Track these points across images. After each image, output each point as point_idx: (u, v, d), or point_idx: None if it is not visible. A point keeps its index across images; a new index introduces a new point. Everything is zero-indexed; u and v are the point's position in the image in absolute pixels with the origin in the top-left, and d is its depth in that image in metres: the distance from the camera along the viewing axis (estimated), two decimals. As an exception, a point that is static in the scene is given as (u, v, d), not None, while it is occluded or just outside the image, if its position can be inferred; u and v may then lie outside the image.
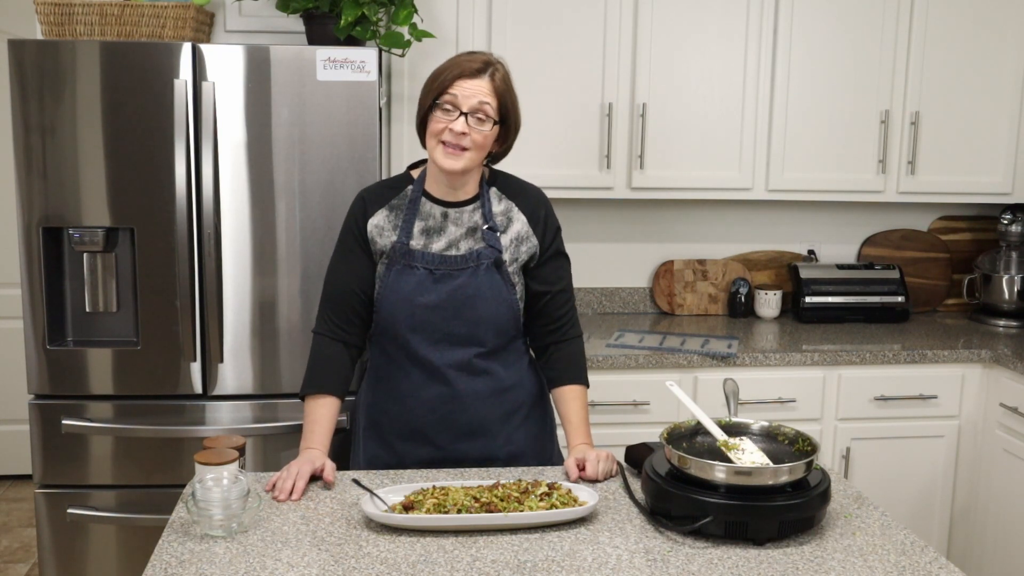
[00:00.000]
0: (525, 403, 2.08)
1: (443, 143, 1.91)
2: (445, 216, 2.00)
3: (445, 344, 1.97)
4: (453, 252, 1.98)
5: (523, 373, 2.08)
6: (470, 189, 2.02)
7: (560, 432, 2.17)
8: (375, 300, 2.01)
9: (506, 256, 2.00)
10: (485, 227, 1.99)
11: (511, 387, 2.05)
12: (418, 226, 1.99)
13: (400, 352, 1.99)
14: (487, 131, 1.92)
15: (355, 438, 2.14)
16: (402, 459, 2.03)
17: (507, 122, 1.97)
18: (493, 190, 2.05)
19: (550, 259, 2.07)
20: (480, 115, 1.90)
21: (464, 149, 1.91)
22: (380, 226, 2.00)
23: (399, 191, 2.04)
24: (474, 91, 1.90)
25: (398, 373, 2.01)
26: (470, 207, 2.02)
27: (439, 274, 1.96)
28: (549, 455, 2.14)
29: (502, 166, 2.12)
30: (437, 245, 1.98)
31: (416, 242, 1.98)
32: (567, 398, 2.05)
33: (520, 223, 2.03)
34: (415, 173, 2.07)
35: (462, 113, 1.89)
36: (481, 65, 1.92)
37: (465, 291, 1.96)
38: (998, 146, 3.32)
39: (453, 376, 1.98)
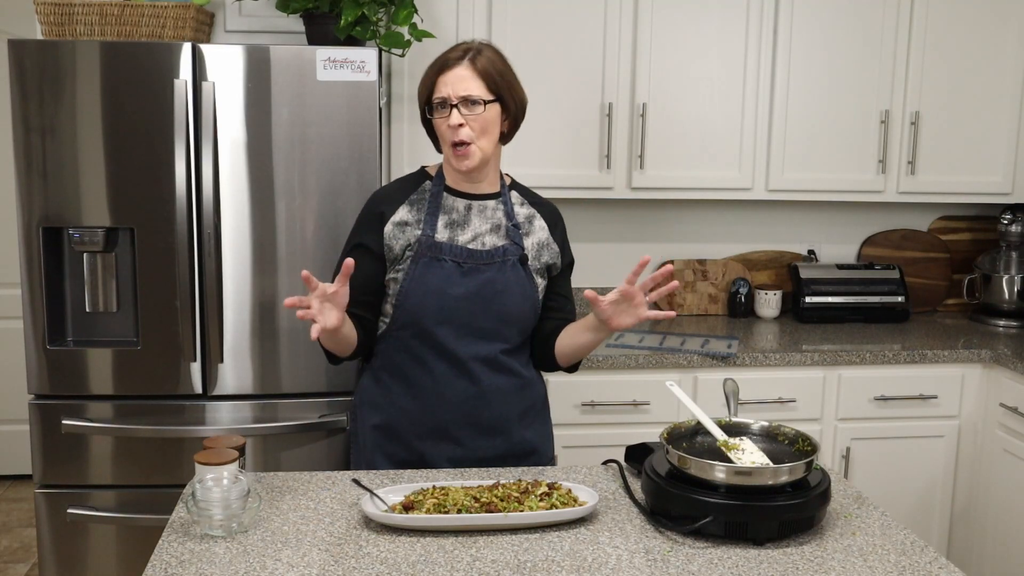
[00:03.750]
0: (538, 401, 2.10)
1: (452, 147, 1.94)
2: (469, 208, 2.02)
3: (471, 338, 1.97)
4: (479, 247, 1.99)
5: (535, 371, 2.12)
6: (491, 182, 2.04)
7: (557, 432, 2.19)
8: (398, 295, 1.98)
9: (529, 255, 2.03)
10: (510, 224, 2.01)
11: (529, 384, 2.07)
12: (442, 220, 2.00)
13: (424, 347, 1.98)
14: (481, 114, 1.92)
15: (359, 440, 2.11)
16: (422, 457, 2.01)
17: (503, 98, 1.96)
18: (514, 193, 2.09)
19: (567, 270, 2.14)
20: (470, 101, 1.91)
21: (468, 144, 1.92)
22: (403, 221, 1.99)
23: (417, 186, 2.05)
24: (456, 80, 1.92)
25: (419, 369, 1.99)
26: (492, 202, 2.04)
27: (467, 267, 1.96)
28: (552, 454, 2.15)
29: (505, 166, 2.13)
30: (463, 238, 1.99)
31: (441, 235, 1.98)
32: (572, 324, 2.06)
33: (543, 233, 2.07)
34: (431, 170, 2.08)
35: (452, 106, 1.91)
36: (460, 53, 1.95)
37: (494, 285, 1.97)
38: (998, 146, 3.32)
39: (478, 371, 1.97)
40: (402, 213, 2.00)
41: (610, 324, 1.87)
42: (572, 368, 2.13)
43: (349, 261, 1.74)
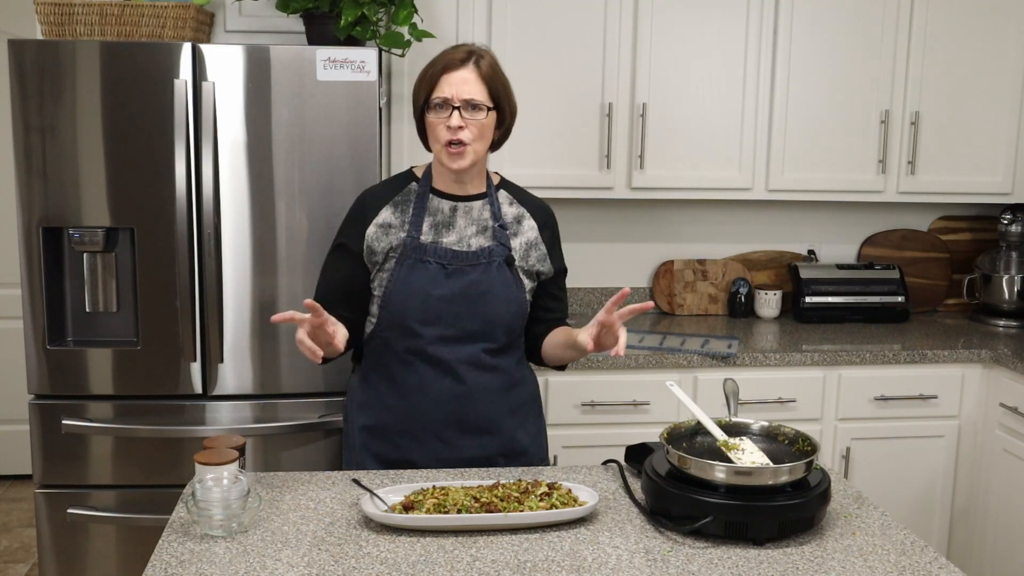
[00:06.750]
0: (528, 400, 2.10)
1: (446, 145, 1.93)
2: (454, 210, 2.02)
3: (456, 339, 1.97)
4: (464, 248, 1.99)
5: (525, 369, 2.12)
6: (478, 184, 2.04)
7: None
8: (383, 297, 1.99)
9: (516, 256, 2.02)
10: (496, 224, 2.01)
11: (518, 383, 2.07)
12: (427, 222, 2.00)
13: (408, 347, 1.99)
14: (482, 119, 1.93)
15: (350, 441, 2.12)
16: (407, 456, 2.02)
17: (501, 107, 1.97)
18: (502, 192, 2.08)
19: (558, 274, 2.13)
20: (472, 105, 1.91)
21: (465, 144, 1.92)
22: (387, 223, 2.00)
23: (402, 188, 2.05)
24: (460, 82, 1.91)
25: (405, 369, 2.00)
26: (479, 203, 2.04)
27: (451, 269, 1.97)
28: (544, 454, 2.15)
29: (504, 167, 2.12)
30: (447, 239, 1.99)
31: (426, 237, 1.99)
32: (560, 328, 2.07)
33: (532, 232, 2.06)
34: (418, 171, 2.08)
35: (454, 108, 1.90)
36: (464, 55, 1.94)
37: (479, 287, 1.97)
38: (998, 146, 3.32)
39: (463, 371, 1.98)
40: (385, 215, 2.01)
41: (588, 349, 1.86)
42: (561, 368, 2.19)
43: (308, 302, 1.72)
